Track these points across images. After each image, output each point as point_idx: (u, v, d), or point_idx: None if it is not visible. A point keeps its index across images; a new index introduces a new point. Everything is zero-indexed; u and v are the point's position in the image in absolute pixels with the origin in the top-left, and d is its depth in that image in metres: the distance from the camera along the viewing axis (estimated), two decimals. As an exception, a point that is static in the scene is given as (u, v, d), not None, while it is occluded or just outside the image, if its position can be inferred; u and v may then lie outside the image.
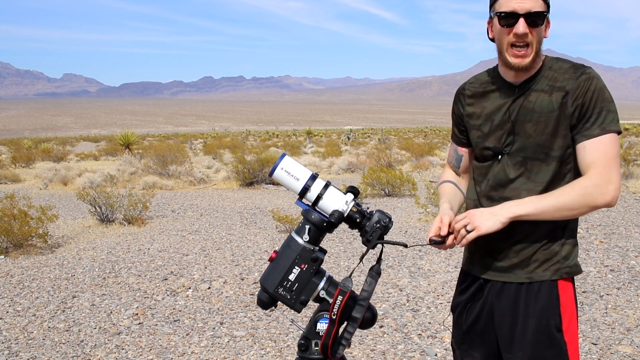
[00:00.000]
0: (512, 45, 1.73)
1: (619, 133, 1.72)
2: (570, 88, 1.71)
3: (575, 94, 1.71)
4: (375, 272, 1.71)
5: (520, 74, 1.79)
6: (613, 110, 1.71)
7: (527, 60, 1.72)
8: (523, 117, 1.77)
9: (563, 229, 1.78)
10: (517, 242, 1.79)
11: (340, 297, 1.67)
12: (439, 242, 1.77)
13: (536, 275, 1.77)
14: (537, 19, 1.69)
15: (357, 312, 1.68)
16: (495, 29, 1.77)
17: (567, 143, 1.74)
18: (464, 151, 2.02)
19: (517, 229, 1.77)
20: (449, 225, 1.78)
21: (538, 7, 1.69)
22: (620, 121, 1.78)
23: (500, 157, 1.83)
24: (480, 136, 1.89)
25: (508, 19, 1.71)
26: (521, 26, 1.69)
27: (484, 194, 1.88)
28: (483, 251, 1.88)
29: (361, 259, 1.75)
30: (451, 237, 1.77)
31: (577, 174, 1.77)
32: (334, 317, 1.67)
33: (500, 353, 1.87)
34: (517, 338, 1.78)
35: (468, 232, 1.72)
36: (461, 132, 2.00)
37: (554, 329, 1.74)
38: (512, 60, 1.74)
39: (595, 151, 1.69)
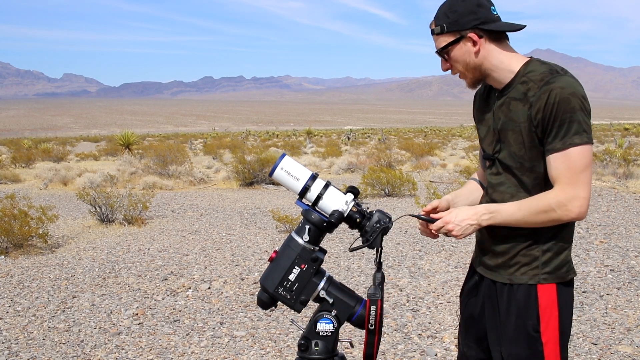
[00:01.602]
0: None
1: (587, 143, 1.65)
2: (533, 100, 1.69)
3: (536, 108, 1.68)
4: (378, 280, 1.78)
5: (491, 83, 1.85)
6: (579, 120, 1.64)
7: (467, 81, 1.85)
8: (505, 126, 1.79)
9: (546, 235, 1.78)
10: (499, 243, 1.85)
11: (373, 307, 1.72)
12: (422, 218, 1.88)
13: (515, 278, 1.82)
14: (443, 55, 1.81)
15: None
16: None
17: (538, 155, 1.74)
18: None
19: (499, 231, 1.83)
20: (435, 209, 1.91)
21: (441, 43, 1.79)
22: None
23: (492, 162, 1.89)
24: (481, 139, 1.97)
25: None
26: (441, 65, 1.84)
27: (484, 195, 1.97)
28: (479, 248, 1.97)
29: (375, 262, 1.80)
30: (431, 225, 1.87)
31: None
32: (372, 327, 1.73)
33: None
34: (499, 334, 1.85)
35: (445, 234, 1.83)
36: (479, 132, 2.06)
37: (531, 329, 1.78)
38: None
39: (559, 166, 1.68)
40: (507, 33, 1.81)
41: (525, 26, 1.77)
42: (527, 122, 1.71)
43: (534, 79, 1.71)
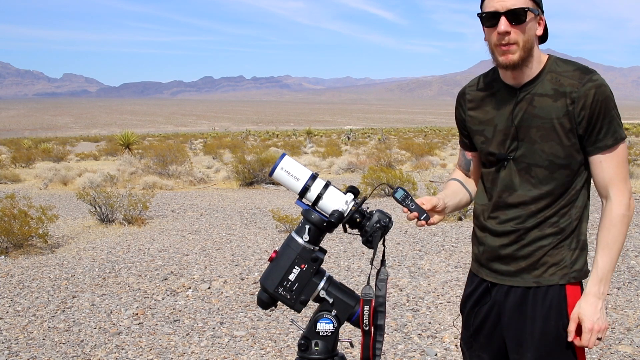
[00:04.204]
0: (498, 45, 1.70)
1: (625, 137, 1.72)
2: (576, 96, 1.67)
3: (582, 104, 1.66)
4: (383, 277, 1.73)
5: (519, 75, 1.74)
6: (618, 116, 1.70)
7: (514, 57, 1.68)
8: (528, 123, 1.73)
9: (570, 234, 1.79)
10: (524, 246, 1.79)
11: (367, 307, 1.69)
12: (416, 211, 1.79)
13: (544, 279, 1.78)
14: (519, 16, 1.66)
15: (380, 319, 1.71)
16: (485, 30, 1.75)
17: (574, 151, 1.71)
18: (472, 155, 2.01)
19: (525, 234, 1.78)
20: (434, 207, 1.82)
21: (520, 3, 1.66)
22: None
23: (506, 163, 1.80)
24: (484, 141, 1.86)
25: (491, 19, 1.69)
26: (502, 25, 1.66)
27: (494, 202, 1.85)
28: (490, 255, 1.87)
29: (371, 262, 1.76)
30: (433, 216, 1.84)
31: (587, 181, 1.78)
32: (366, 328, 1.69)
33: (507, 354, 1.87)
34: (526, 339, 1.80)
35: (600, 339, 1.74)
36: (466, 137, 1.98)
37: (561, 330, 1.76)
38: (500, 58, 1.71)
39: (611, 164, 1.70)
40: None
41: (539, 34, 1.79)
42: (566, 118, 1.68)
43: (568, 75, 1.70)
